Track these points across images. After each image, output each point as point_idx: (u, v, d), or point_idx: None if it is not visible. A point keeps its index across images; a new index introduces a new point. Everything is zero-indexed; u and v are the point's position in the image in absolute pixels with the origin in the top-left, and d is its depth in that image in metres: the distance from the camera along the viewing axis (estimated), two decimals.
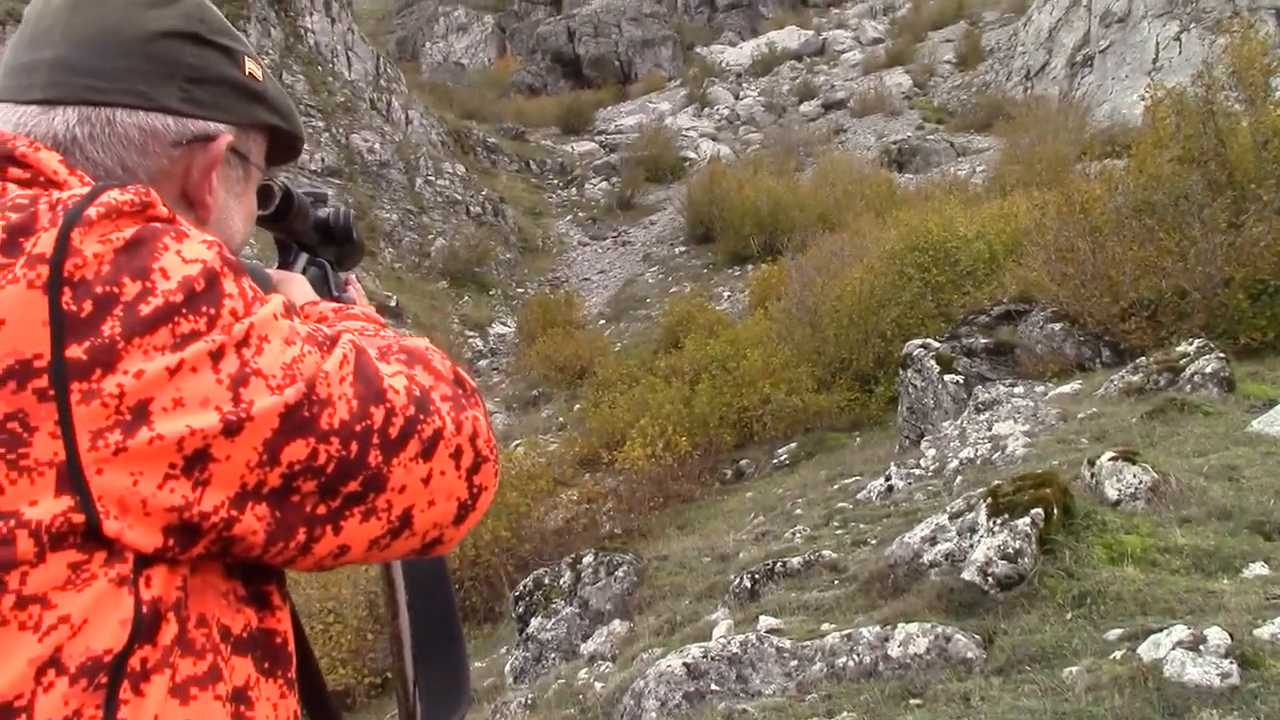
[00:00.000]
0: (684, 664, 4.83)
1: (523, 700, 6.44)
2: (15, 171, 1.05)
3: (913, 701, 4.24)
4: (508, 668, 8.01)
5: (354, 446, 1.02)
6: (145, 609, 0.93)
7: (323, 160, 34.53)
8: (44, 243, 0.91)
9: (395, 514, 1.07)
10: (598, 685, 5.99)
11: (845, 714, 4.25)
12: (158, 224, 0.97)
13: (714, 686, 4.71)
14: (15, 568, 0.87)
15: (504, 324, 31.99)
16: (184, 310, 0.94)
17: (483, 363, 29.92)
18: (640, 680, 4.95)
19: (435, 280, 33.41)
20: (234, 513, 0.96)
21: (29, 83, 1.12)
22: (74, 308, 0.90)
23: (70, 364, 0.89)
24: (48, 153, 1.07)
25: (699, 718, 4.47)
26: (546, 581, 7.98)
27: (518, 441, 20.99)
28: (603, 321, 30.76)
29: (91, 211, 0.94)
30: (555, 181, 44.43)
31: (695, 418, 17.40)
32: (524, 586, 8.08)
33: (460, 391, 1.16)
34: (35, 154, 1.06)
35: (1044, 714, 3.76)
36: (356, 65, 39.67)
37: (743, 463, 16.81)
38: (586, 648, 7.13)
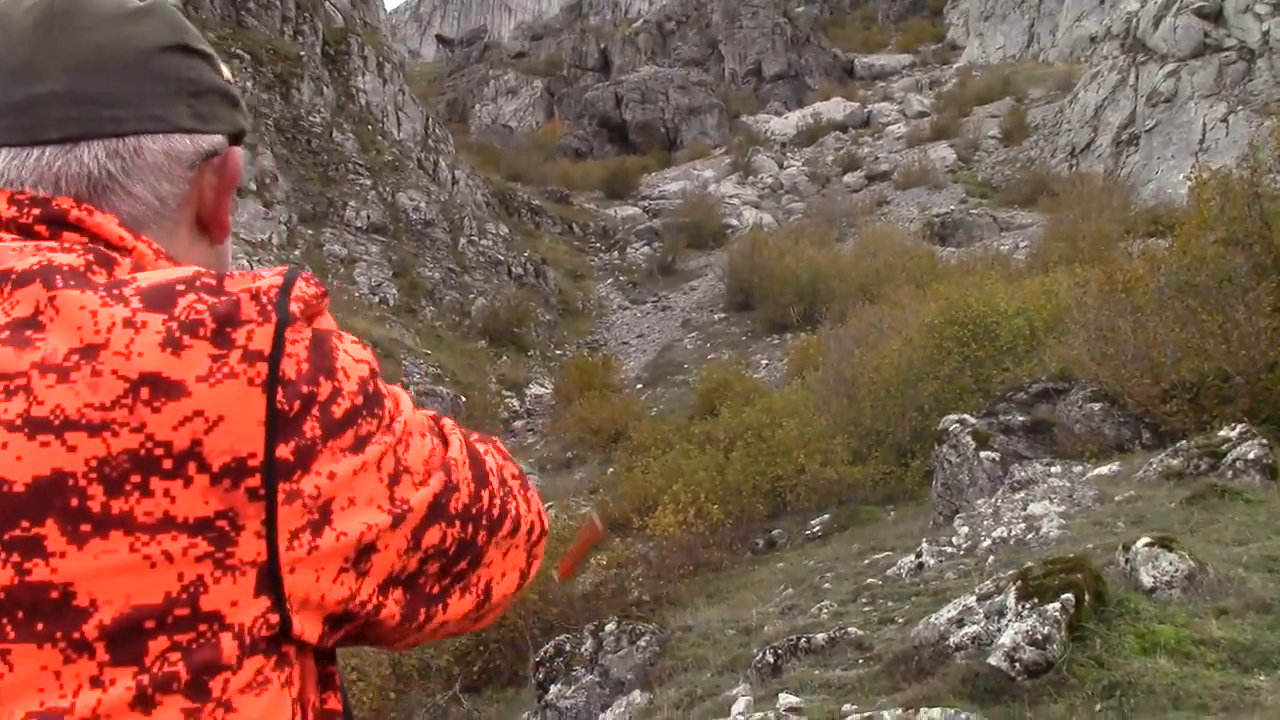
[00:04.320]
0: None
1: None
2: (55, 240, 0.98)
3: None
4: None
5: (470, 529, 1.05)
6: (294, 707, 0.94)
7: (368, 217, 34.91)
8: (260, 339, 0.90)
9: (482, 588, 1.10)
10: None
11: None
12: (321, 322, 0.97)
13: None
14: (220, 672, 0.86)
15: (541, 385, 31.99)
16: (364, 413, 0.95)
17: (518, 423, 29.90)
18: None
19: (474, 339, 33.52)
20: (380, 599, 0.98)
21: (32, 121, 1.01)
22: (285, 407, 0.89)
23: (279, 464, 0.89)
24: (104, 215, 1.01)
25: None
26: (568, 648, 7.87)
27: (550, 504, 20.91)
28: (640, 386, 30.68)
29: (295, 307, 0.93)
30: (597, 245, 44.66)
31: (728, 486, 17.26)
32: (545, 653, 7.98)
33: (522, 470, 1.19)
34: (91, 218, 1.00)
35: None
36: (406, 125, 40.23)
37: (775, 533, 16.64)
38: (605, 718, 7.00)
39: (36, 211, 0.99)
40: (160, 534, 0.85)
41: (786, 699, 5.27)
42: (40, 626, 0.83)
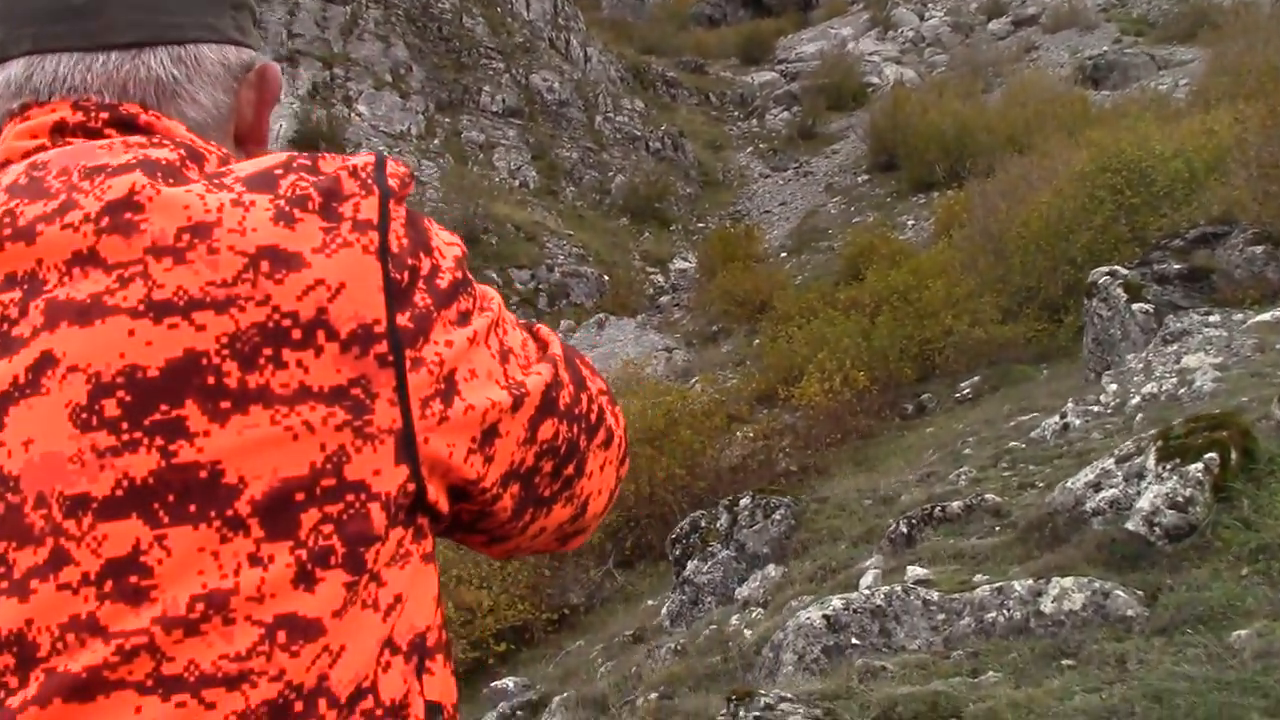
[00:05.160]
0: (824, 616, 4.64)
1: (674, 646, 6.35)
2: (144, 138, 0.97)
3: (1064, 662, 3.95)
4: (664, 610, 7.95)
5: (575, 429, 1.05)
6: (439, 587, 0.97)
7: (503, 101, 34.92)
8: (367, 209, 0.91)
9: (581, 499, 1.11)
10: (747, 632, 5.86)
11: (990, 674, 4.00)
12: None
13: (854, 640, 4.51)
14: (373, 544, 0.87)
15: (684, 259, 31.88)
16: (463, 289, 0.96)
17: (664, 298, 29.95)
18: (780, 632, 4.78)
19: (616, 217, 33.52)
20: (500, 490, 0.99)
21: (98, 25, 0.99)
22: (397, 276, 0.90)
23: (402, 331, 0.89)
24: (172, 121, 1.01)
25: (834, 673, 4.27)
26: (703, 524, 7.87)
27: (696, 378, 20.95)
28: (784, 254, 30.31)
29: (393, 183, 0.94)
30: (735, 113, 43.80)
31: (874, 351, 17.03)
32: (680, 529, 7.99)
33: (609, 386, 1.18)
34: (160, 123, 1.00)
35: (1205, 682, 3.43)
36: (535, 5, 39.81)
37: (924, 397, 16.39)
38: (741, 592, 7.01)
39: (105, 116, 0.98)
40: (299, 405, 0.85)
41: (915, 571, 5.15)
42: (193, 508, 0.83)
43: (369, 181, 0.93)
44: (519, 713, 9.00)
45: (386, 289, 0.89)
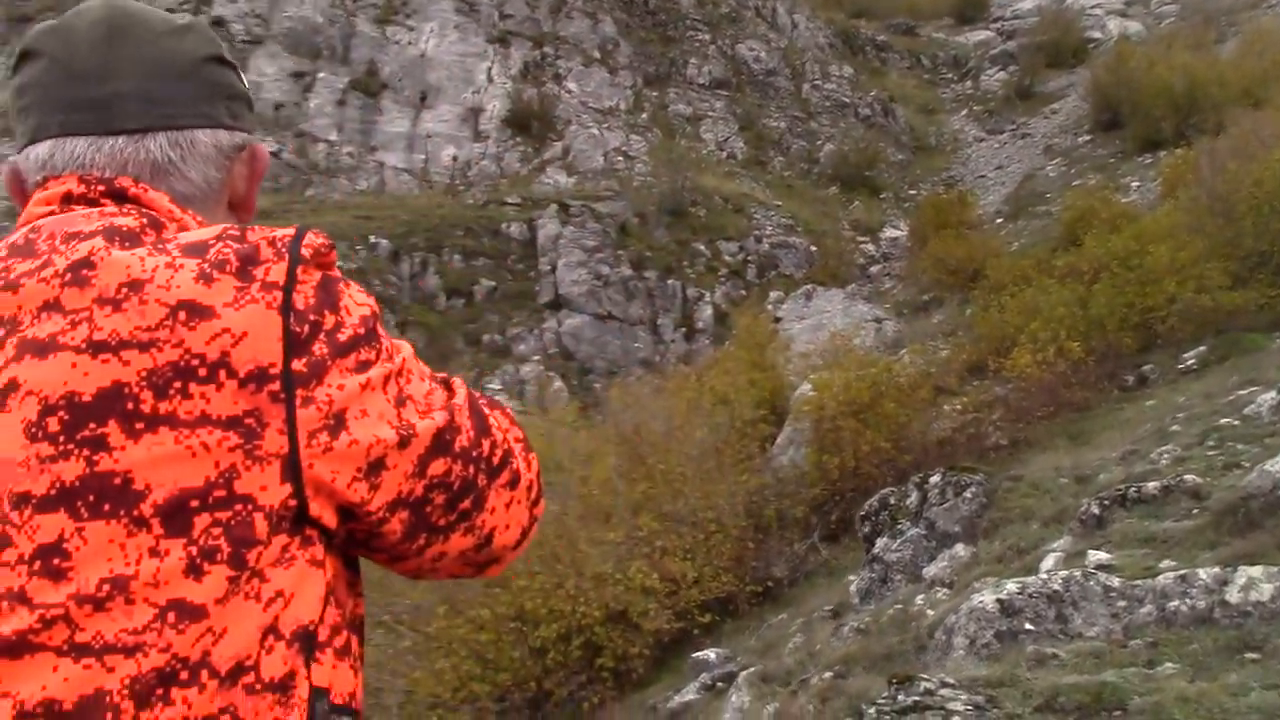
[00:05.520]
0: (998, 600, 4.54)
1: (858, 624, 6.32)
2: (117, 208, 1.20)
3: (1247, 655, 3.78)
4: (853, 588, 7.89)
5: (471, 469, 1.22)
6: (327, 588, 1.13)
7: (710, 73, 34.91)
8: (276, 273, 1.11)
9: (484, 531, 1.27)
10: (929, 613, 5.79)
11: (1167, 665, 3.86)
12: (331, 269, 1.17)
13: (1028, 625, 4.42)
14: (254, 546, 1.06)
15: (895, 227, 31.24)
16: (364, 342, 1.15)
17: (874, 268, 29.47)
18: (953, 615, 4.71)
19: (825, 186, 33.11)
20: (387, 515, 1.17)
21: (110, 115, 1.25)
22: (297, 329, 1.10)
23: (295, 374, 1.09)
24: (157, 193, 1.24)
25: (1003, 659, 4.19)
26: (893, 502, 7.77)
27: (906, 349, 20.57)
28: (999, 220, 29.32)
29: (305, 252, 1.14)
30: (949, 76, 42.53)
31: (1091, 320, 16.36)
32: (869, 506, 7.91)
33: (526, 436, 1.36)
34: (147, 194, 1.23)
35: None
36: None
37: (1146, 368, 15.67)
38: (929, 571, 6.90)
39: (101, 188, 1.23)
40: (199, 429, 1.05)
41: (1097, 555, 4.98)
42: (107, 507, 1.02)
43: (282, 250, 1.13)
44: (719, 684, 9.10)
45: (285, 339, 1.09)
